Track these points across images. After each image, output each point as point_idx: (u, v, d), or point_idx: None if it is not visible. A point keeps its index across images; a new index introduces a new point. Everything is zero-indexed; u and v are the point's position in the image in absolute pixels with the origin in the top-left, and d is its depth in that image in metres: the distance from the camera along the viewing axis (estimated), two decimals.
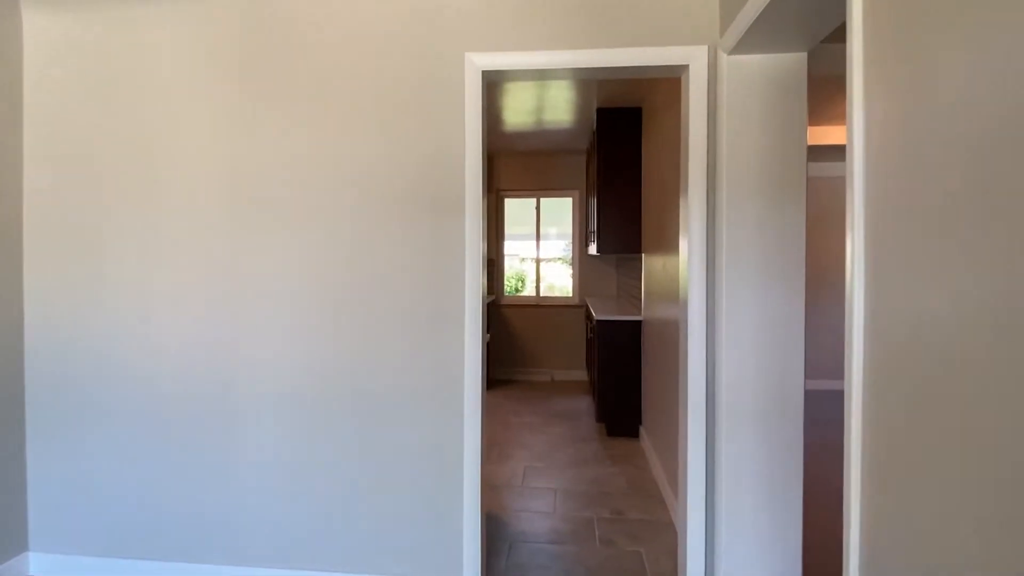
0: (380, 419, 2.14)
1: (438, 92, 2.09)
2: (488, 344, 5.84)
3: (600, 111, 4.13)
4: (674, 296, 2.80)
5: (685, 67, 2.01)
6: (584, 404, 5.02)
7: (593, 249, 4.58)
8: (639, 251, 4.12)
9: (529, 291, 6.32)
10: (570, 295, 6.14)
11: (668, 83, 3.01)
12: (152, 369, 2.21)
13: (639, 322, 4.00)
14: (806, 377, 1.94)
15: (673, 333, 2.80)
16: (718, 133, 1.97)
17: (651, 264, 3.64)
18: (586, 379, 5.95)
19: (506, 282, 6.30)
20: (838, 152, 4.22)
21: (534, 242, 6.19)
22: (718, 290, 1.98)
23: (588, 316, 5.01)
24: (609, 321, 4.02)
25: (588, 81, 3.60)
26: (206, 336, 2.19)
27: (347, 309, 2.15)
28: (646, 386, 3.82)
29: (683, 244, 2.11)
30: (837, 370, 4.48)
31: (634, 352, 4.01)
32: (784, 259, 1.91)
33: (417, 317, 2.13)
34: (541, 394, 5.41)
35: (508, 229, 6.27)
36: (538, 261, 6.18)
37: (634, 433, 4.06)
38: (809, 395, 2.43)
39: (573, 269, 6.12)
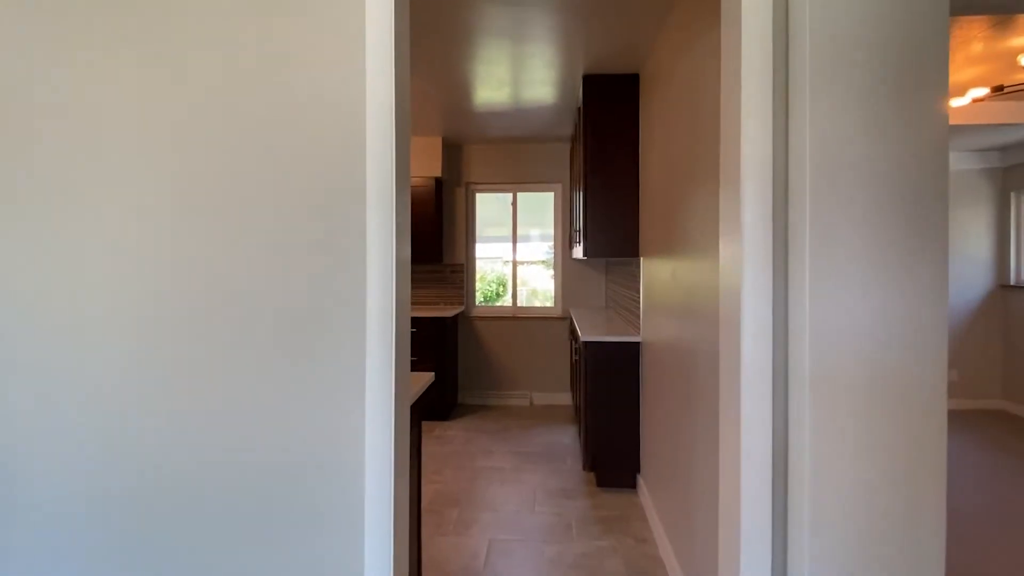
0: (214, 538, 1.28)
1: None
2: (455, 364, 4.98)
3: (588, 79, 3.30)
4: (691, 311, 1.98)
5: None
6: (568, 438, 4.19)
7: (578, 252, 3.76)
8: (635, 254, 3.30)
9: (505, 300, 5.48)
10: (551, 305, 5.31)
11: (674, 38, 2.20)
12: None
13: (637, 344, 3.18)
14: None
15: (690, 358, 1.98)
16: (793, 61, 1.15)
17: (654, 270, 2.82)
18: (571, 403, 5.12)
19: (486, 288, 5.45)
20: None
21: (510, 244, 5.35)
22: (794, 296, 1.16)
23: (573, 332, 4.20)
24: (599, 343, 3.20)
25: (572, 35, 2.77)
26: None
27: (164, 348, 1.28)
28: (647, 425, 3.00)
29: (729, 241, 1.29)
30: None
31: (630, 381, 3.19)
32: (917, 241, 1.10)
33: (276, 361, 1.27)
34: (518, 423, 4.57)
35: (483, 230, 5.42)
36: (515, 265, 5.34)
37: (630, 483, 3.23)
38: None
39: (555, 275, 5.29)
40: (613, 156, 3.27)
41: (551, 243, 5.33)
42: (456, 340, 5.17)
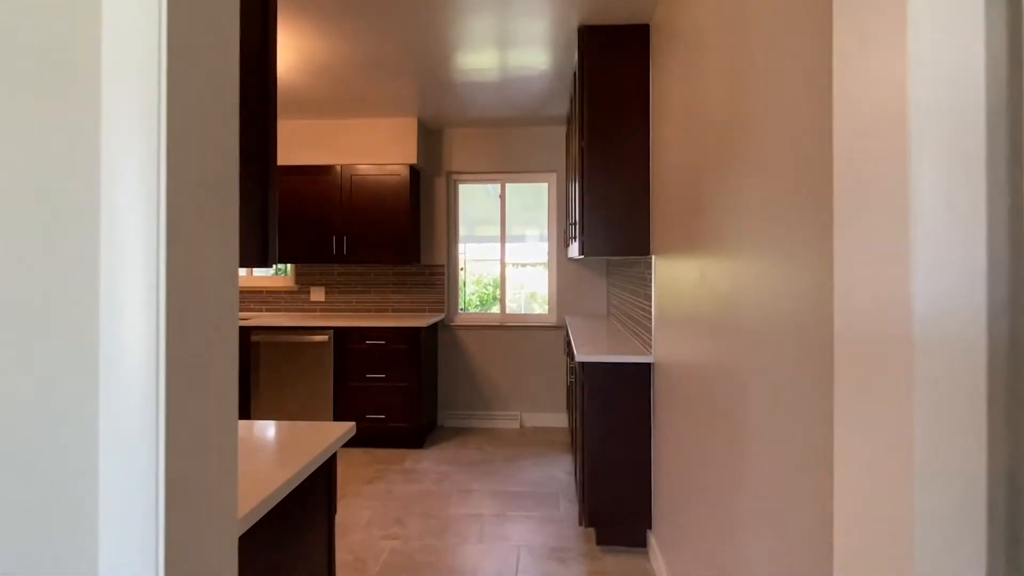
0: None
1: None
2: (434, 380, 4.31)
3: (585, 32, 2.63)
4: (734, 323, 1.31)
5: None
6: (563, 471, 3.52)
7: (574, 250, 3.11)
8: (645, 252, 2.63)
9: (494, 309, 4.81)
10: (545, 312, 4.64)
11: None
12: None
13: (648, 365, 2.52)
14: None
15: (732, 386, 1.31)
16: None
17: (671, 272, 2.16)
18: (567, 426, 4.45)
19: (481, 292, 4.78)
20: None
21: (498, 243, 4.68)
22: None
23: (569, 347, 3.55)
24: (599, 365, 2.53)
25: None
26: None
27: None
28: (663, 469, 2.33)
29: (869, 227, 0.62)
30: None
31: (639, 413, 2.52)
32: None
33: None
34: (504, 452, 3.89)
35: (473, 228, 4.75)
36: (503, 266, 4.68)
37: (638, 541, 2.56)
38: None
39: (549, 278, 4.62)
40: (617, 130, 2.61)
41: (544, 241, 4.66)
42: (435, 352, 4.50)
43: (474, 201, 4.75)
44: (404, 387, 3.94)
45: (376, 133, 4.25)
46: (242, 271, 4.81)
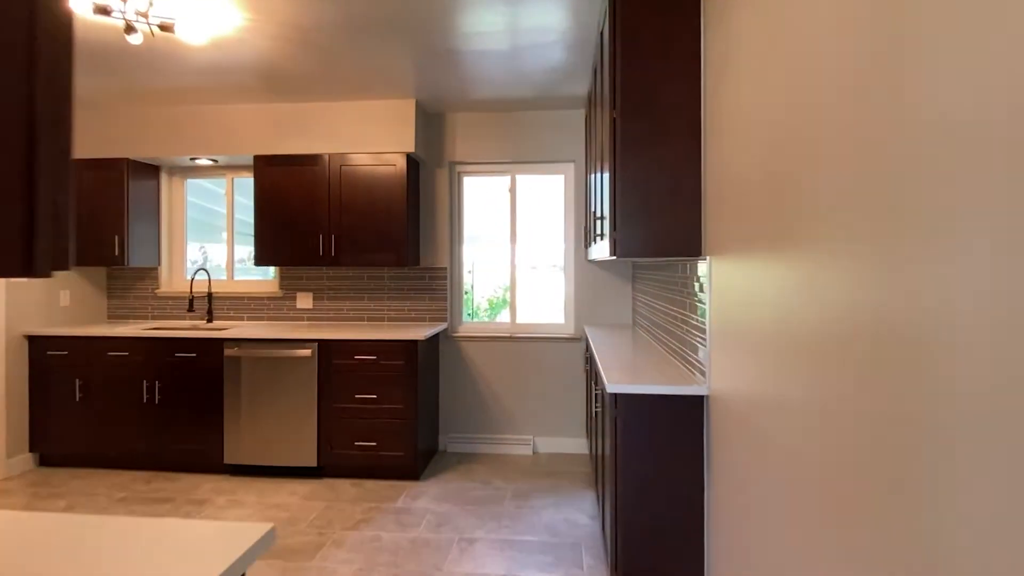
0: None
1: None
2: (436, 399, 3.77)
3: None
4: (881, 354, 0.72)
5: None
6: (585, 516, 2.95)
7: (599, 251, 2.55)
8: (696, 252, 2.07)
9: (502, 317, 4.26)
10: (561, 322, 4.08)
11: None
12: None
13: (701, 398, 1.95)
14: None
15: (888, 441, 0.71)
16: None
17: (741, 278, 1.59)
18: (587, 452, 3.89)
19: (491, 297, 4.24)
20: None
21: (508, 244, 4.14)
22: None
23: (590, 364, 2.99)
24: (637, 397, 1.97)
25: None
26: None
27: None
28: (725, 529, 1.77)
29: None
30: None
31: (688, 454, 1.96)
32: None
33: None
34: (515, 486, 3.34)
35: (474, 228, 4.21)
36: (513, 269, 4.13)
37: None
38: None
39: (566, 284, 4.07)
40: (658, 92, 2.05)
41: (561, 240, 4.10)
42: (436, 367, 3.96)
43: (480, 195, 4.21)
44: (399, 410, 3.40)
45: (369, 118, 3.73)
46: (220, 276, 4.31)
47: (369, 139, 3.72)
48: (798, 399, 1.20)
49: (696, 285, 2.14)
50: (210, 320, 4.16)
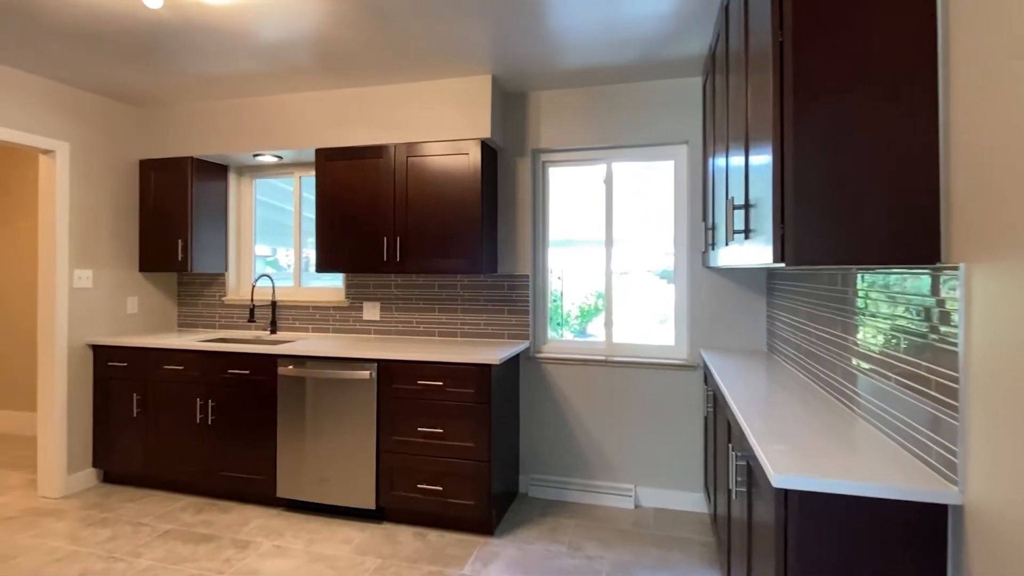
0: None
1: None
2: (516, 433, 3.14)
3: None
4: None
5: None
6: None
7: (742, 255, 1.79)
8: (934, 257, 1.25)
9: (595, 332, 3.54)
10: (670, 344, 3.29)
11: None
12: None
13: (944, 508, 1.15)
14: None
15: None
16: None
17: None
18: (706, 510, 3.08)
19: (573, 305, 3.57)
20: None
21: (601, 245, 3.42)
22: None
23: (714, 408, 2.21)
24: (825, 498, 1.20)
25: None
26: None
27: None
28: None
29: None
30: None
31: None
32: None
33: None
34: (614, 553, 2.61)
35: (561, 228, 3.54)
36: (610, 276, 3.40)
37: None
38: None
39: (677, 294, 3.27)
40: (862, 4, 1.27)
41: (670, 243, 3.32)
42: (516, 394, 3.33)
43: (570, 189, 3.53)
44: (469, 449, 2.80)
45: (437, 100, 3.18)
46: (288, 283, 3.97)
47: (437, 124, 3.17)
48: None
49: (922, 308, 1.32)
50: (273, 331, 3.82)
